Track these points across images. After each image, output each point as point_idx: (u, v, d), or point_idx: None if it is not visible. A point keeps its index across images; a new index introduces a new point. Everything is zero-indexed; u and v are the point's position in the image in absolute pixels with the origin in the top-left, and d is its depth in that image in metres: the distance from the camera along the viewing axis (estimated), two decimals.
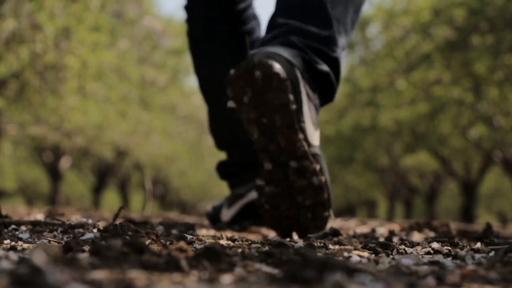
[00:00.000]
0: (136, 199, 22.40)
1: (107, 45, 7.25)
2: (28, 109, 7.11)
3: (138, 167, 15.89)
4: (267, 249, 1.06)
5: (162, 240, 1.31)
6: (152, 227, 1.75)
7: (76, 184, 19.54)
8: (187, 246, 1.00)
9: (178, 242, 1.21)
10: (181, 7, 2.25)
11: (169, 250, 0.95)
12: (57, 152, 11.48)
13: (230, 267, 0.91)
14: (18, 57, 5.85)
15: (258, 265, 0.95)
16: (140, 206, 20.73)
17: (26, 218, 2.09)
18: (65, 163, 11.65)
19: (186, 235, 1.48)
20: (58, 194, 11.47)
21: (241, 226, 2.13)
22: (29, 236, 1.39)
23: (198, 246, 1.29)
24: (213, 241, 1.41)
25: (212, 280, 0.81)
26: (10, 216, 1.67)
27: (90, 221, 1.59)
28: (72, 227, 1.50)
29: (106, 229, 1.28)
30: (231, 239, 1.52)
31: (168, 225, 1.87)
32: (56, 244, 1.26)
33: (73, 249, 1.08)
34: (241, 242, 1.43)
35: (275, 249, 1.05)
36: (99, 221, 1.72)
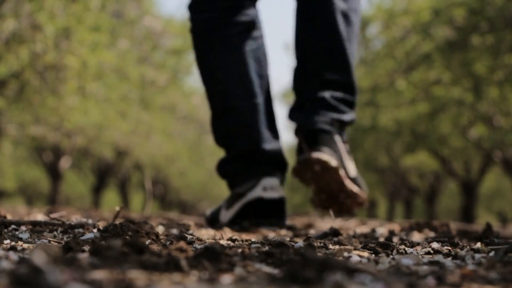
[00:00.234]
0: (136, 199, 22.40)
1: (107, 45, 7.25)
2: (28, 109, 7.12)
3: (138, 167, 15.89)
4: (267, 249, 1.06)
5: (162, 240, 1.31)
6: (152, 227, 1.75)
7: (76, 184, 19.54)
8: (187, 246, 1.00)
9: (178, 242, 1.21)
10: (185, 4, 2.29)
11: (169, 250, 0.95)
12: (57, 152, 11.48)
13: (230, 267, 0.91)
14: (18, 57, 5.85)
15: (258, 265, 0.95)
16: (140, 206, 20.72)
17: (26, 218, 2.09)
18: (65, 163, 11.64)
19: (186, 235, 1.48)
20: (58, 194, 11.47)
21: (241, 226, 2.13)
22: (29, 236, 1.39)
23: (198, 246, 1.29)
24: (213, 241, 1.41)
25: (212, 280, 0.81)
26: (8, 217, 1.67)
27: (90, 221, 1.59)
28: (72, 227, 1.50)
29: (106, 229, 1.28)
30: (231, 239, 1.52)
31: (168, 225, 1.87)
32: (56, 244, 1.26)
33: (73, 249, 1.07)
34: (241, 242, 1.43)
35: (275, 249, 1.05)
36: (99, 221, 1.72)
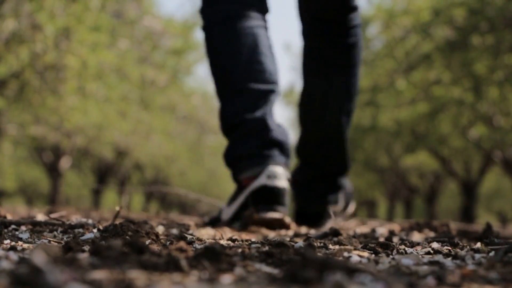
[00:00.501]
0: (136, 199, 22.40)
1: (107, 45, 7.24)
2: (28, 109, 7.11)
3: (138, 167, 15.89)
4: (267, 249, 1.06)
5: (162, 240, 1.31)
6: (152, 227, 1.75)
7: (76, 184, 19.54)
8: (187, 246, 1.00)
9: (178, 242, 1.21)
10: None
11: (169, 250, 0.95)
12: (57, 152, 11.47)
13: (230, 267, 0.91)
14: (18, 57, 5.85)
15: (258, 265, 0.95)
16: (140, 206, 20.73)
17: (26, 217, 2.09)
18: (65, 163, 11.64)
19: (186, 235, 1.48)
20: (58, 194, 11.47)
21: (242, 226, 2.13)
22: (29, 236, 1.39)
23: (198, 246, 1.29)
24: (213, 241, 1.41)
25: (212, 280, 0.81)
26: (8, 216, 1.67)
27: (90, 221, 1.59)
28: (72, 227, 1.50)
29: (106, 229, 1.28)
30: (231, 239, 1.52)
31: (168, 225, 1.87)
32: (56, 244, 1.26)
33: (73, 249, 1.07)
34: (241, 242, 1.43)
35: (275, 249, 1.05)
36: (99, 221, 1.72)
